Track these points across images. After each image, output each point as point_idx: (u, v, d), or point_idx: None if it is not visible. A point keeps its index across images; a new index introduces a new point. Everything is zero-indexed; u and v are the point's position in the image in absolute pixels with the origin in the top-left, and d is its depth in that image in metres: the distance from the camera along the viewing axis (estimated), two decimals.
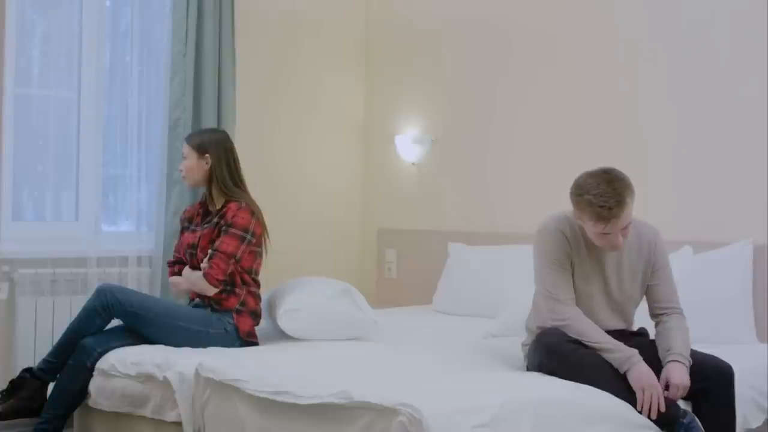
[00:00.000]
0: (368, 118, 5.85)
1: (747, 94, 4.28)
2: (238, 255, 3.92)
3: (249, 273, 4.00)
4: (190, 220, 4.17)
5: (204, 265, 3.92)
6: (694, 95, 4.45)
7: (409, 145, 5.55)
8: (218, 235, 3.96)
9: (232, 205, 3.99)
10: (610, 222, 3.17)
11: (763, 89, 4.22)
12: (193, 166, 4.08)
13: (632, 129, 4.66)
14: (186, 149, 4.12)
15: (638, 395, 3.08)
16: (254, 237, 3.97)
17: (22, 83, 4.59)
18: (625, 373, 3.13)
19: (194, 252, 4.03)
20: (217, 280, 3.89)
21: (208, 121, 4.83)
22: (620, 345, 3.19)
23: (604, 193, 3.16)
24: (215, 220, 4.01)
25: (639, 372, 3.11)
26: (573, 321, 3.25)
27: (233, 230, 3.93)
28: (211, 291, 3.90)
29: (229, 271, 3.91)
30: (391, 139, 5.65)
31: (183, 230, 4.20)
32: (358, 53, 5.85)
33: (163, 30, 4.87)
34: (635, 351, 3.18)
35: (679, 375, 3.15)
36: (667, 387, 3.15)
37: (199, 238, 4.02)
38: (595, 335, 3.22)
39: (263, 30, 5.38)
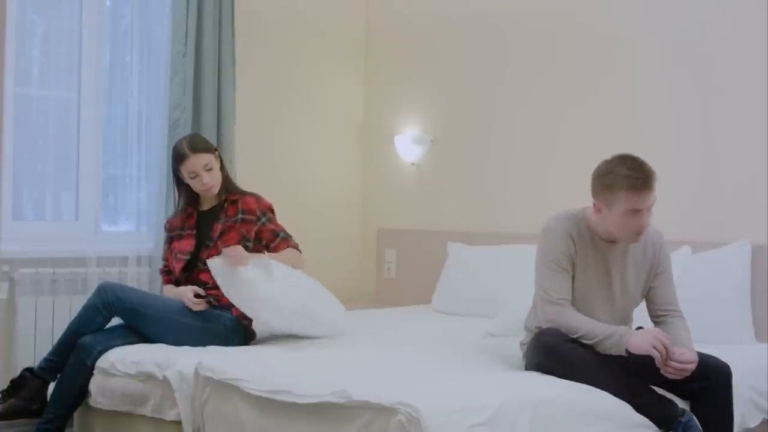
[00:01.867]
0: (368, 118, 5.86)
1: (746, 95, 4.29)
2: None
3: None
4: (182, 228, 4.15)
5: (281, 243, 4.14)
6: (693, 95, 4.46)
7: (408, 145, 5.56)
8: (255, 227, 4.09)
9: (249, 199, 4.12)
10: (644, 193, 3.18)
11: (763, 90, 4.22)
12: (218, 172, 4.11)
13: (631, 129, 4.66)
14: (207, 158, 4.06)
15: (654, 355, 3.08)
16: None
17: (22, 83, 4.59)
18: (628, 352, 3.14)
19: (187, 258, 4.05)
20: (294, 242, 4.18)
21: (208, 121, 4.84)
22: (607, 329, 3.20)
23: (635, 167, 3.21)
24: (240, 216, 4.07)
25: (635, 340, 3.12)
26: (559, 318, 3.26)
27: (269, 214, 4.15)
28: (300, 256, 4.17)
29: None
30: (390, 139, 5.66)
31: (172, 239, 4.18)
32: (357, 53, 5.86)
33: (163, 30, 4.88)
34: (623, 328, 3.21)
35: (687, 354, 3.14)
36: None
37: (221, 232, 4.03)
38: (583, 327, 3.22)
39: (263, 30, 5.39)
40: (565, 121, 4.93)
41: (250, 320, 3.94)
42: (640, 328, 3.47)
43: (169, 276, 4.14)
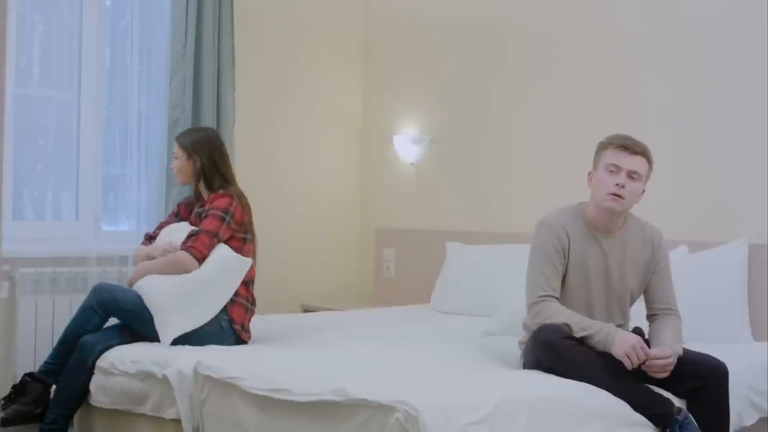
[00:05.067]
0: (367, 118, 5.87)
1: (744, 94, 4.30)
2: (220, 233, 3.91)
3: None
4: (190, 212, 4.16)
5: (182, 244, 3.93)
6: (690, 94, 4.48)
7: (407, 145, 5.58)
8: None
9: (213, 195, 4.02)
10: (626, 153, 3.34)
11: (761, 89, 4.23)
12: (183, 166, 4.10)
13: (629, 129, 4.63)
14: (175, 149, 4.14)
15: (625, 362, 3.12)
16: (233, 219, 3.94)
17: (22, 83, 4.61)
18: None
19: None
20: (201, 253, 3.88)
21: (208, 121, 4.86)
22: (594, 324, 3.23)
23: (625, 135, 3.43)
24: (197, 209, 4.05)
25: (617, 343, 3.15)
26: (541, 312, 3.29)
27: (213, 211, 3.94)
28: (194, 265, 3.87)
29: (211, 249, 3.90)
30: (389, 139, 5.67)
31: (176, 214, 4.20)
32: (357, 53, 5.87)
33: (163, 30, 4.89)
34: (609, 325, 3.24)
35: (660, 350, 3.18)
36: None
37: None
38: (571, 320, 3.25)
39: (263, 30, 5.41)
40: (563, 120, 4.94)
41: (242, 325, 3.96)
42: (637, 328, 3.49)
43: (149, 242, 4.12)
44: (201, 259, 3.89)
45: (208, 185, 4.08)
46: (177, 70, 4.81)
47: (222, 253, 3.91)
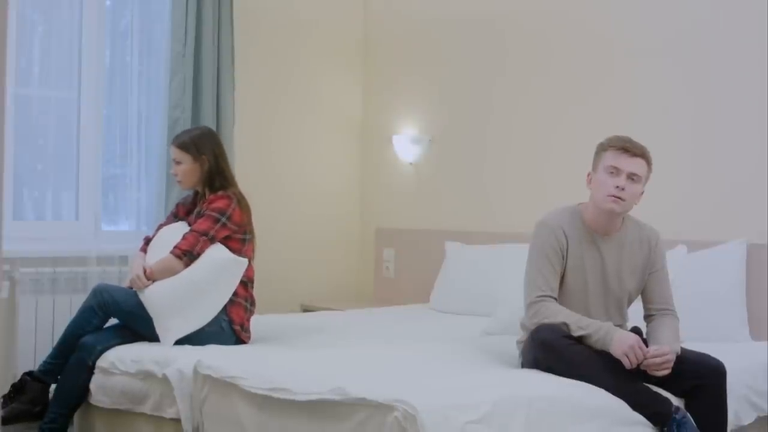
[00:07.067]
0: (366, 118, 5.88)
1: (743, 94, 4.30)
2: (211, 233, 3.88)
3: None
4: (188, 212, 4.15)
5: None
6: (689, 94, 4.48)
7: (406, 145, 5.58)
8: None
9: (213, 196, 3.99)
10: (626, 155, 3.34)
11: (759, 88, 4.24)
12: (189, 169, 4.03)
13: (628, 129, 4.63)
14: (178, 153, 4.04)
15: (624, 361, 3.13)
16: (230, 220, 3.91)
17: (22, 83, 4.61)
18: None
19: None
20: (180, 249, 3.85)
21: (208, 121, 4.86)
22: (593, 324, 3.23)
23: (624, 137, 3.43)
24: (197, 210, 4.03)
25: (616, 343, 3.16)
26: (539, 312, 3.30)
27: (208, 213, 3.92)
28: (178, 264, 3.86)
29: (198, 248, 3.87)
30: (388, 139, 5.68)
31: (175, 215, 4.18)
32: (356, 53, 5.88)
33: (162, 30, 4.90)
34: (608, 324, 3.25)
35: (659, 348, 3.19)
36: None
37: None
38: (570, 319, 3.26)
39: (262, 30, 5.41)
40: (562, 120, 4.95)
41: (241, 325, 3.96)
42: (636, 327, 3.50)
43: (147, 246, 4.09)
44: (182, 255, 3.86)
45: (210, 185, 4.05)
46: (177, 70, 4.82)
47: (216, 254, 3.90)
